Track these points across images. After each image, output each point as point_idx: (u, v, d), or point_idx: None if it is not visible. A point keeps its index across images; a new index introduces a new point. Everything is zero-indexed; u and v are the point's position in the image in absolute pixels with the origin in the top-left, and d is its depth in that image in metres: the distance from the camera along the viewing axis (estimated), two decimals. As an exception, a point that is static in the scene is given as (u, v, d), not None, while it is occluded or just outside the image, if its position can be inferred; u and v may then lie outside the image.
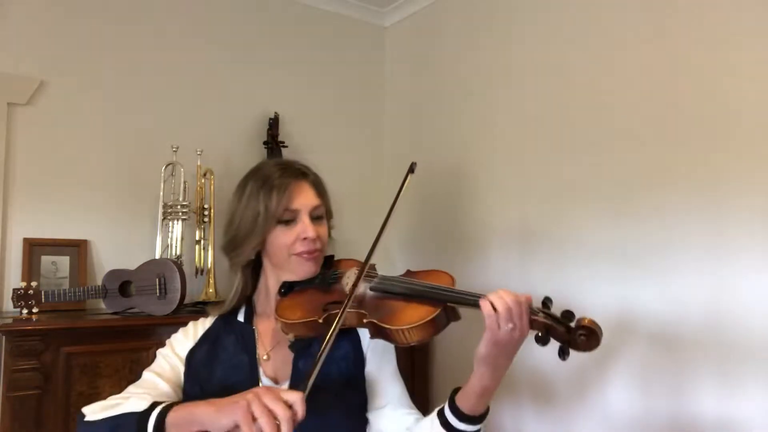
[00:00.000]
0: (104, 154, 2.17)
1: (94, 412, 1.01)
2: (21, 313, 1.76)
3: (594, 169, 1.92)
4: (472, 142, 2.40)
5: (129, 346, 1.82)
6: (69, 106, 2.11)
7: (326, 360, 0.96)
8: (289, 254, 1.15)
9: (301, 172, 1.19)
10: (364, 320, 1.03)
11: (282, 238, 1.14)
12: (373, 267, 1.14)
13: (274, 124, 2.46)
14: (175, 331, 1.93)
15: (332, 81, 2.75)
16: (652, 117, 1.77)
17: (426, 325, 0.97)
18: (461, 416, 1.00)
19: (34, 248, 2.01)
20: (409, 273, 1.15)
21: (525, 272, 2.13)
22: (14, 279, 1.96)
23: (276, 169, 1.17)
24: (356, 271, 1.14)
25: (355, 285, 1.04)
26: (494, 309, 0.93)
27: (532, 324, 0.95)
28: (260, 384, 1.13)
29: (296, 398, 0.83)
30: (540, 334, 0.95)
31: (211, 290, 2.18)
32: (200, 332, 1.22)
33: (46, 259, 2.02)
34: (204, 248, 2.22)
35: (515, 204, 2.19)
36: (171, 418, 0.92)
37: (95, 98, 2.17)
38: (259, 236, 1.14)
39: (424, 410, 1.16)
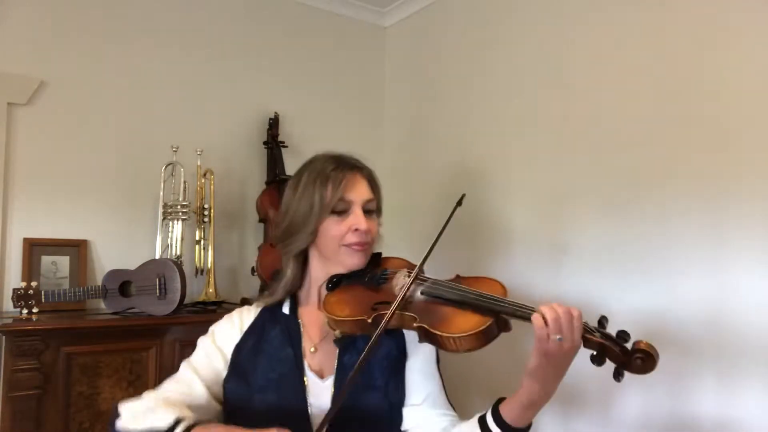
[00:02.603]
0: (104, 154, 2.17)
1: (128, 417, 1.02)
2: (21, 313, 1.76)
3: (593, 169, 1.92)
4: (471, 142, 2.40)
5: (129, 346, 1.82)
6: (69, 106, 2.12)
7: (372, 356, 0.98)
8: (339, 245, 1.16)
9: (355, 166, 1.21)
10: (414, 324, 1.02)
11: (334, 229, 1.15)
12: (422, 270, 1.13)
13: (274, 124, 2.46)
14: (176, 331, 1.93)
15: (332, 81, 2.76)
16: (652, 117, 1.77)
17: (478, 335, 0.96)
18: (504, 426, 0.98)
19: (34, 248, 2.01)
20: (458, 278, 1.14)
21: (524, 272, 2.13)
22: (14, 279, 1.96)
23: (330, 162, 1.18)
24: (407, 273, 1.14)
25: (407, 289, 1.04)
26: (544, 320, 0.92)
27: (587, 342, 0.93)
28: (305, 377, 1.12)
29: None
30: (595, 354, 0.93)
31: (211, 290, 2.18)
32: (246, 323, 1.21)
33: (46, 259, 2.02)
34: (204, 248, 2.22)
35: (515, 204, 2.19)
36: None
37: (95, 98, 2.17)
38: (313, 225, 1.15)
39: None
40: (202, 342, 1.19)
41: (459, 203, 1.18)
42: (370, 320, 1.05)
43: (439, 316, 1.01)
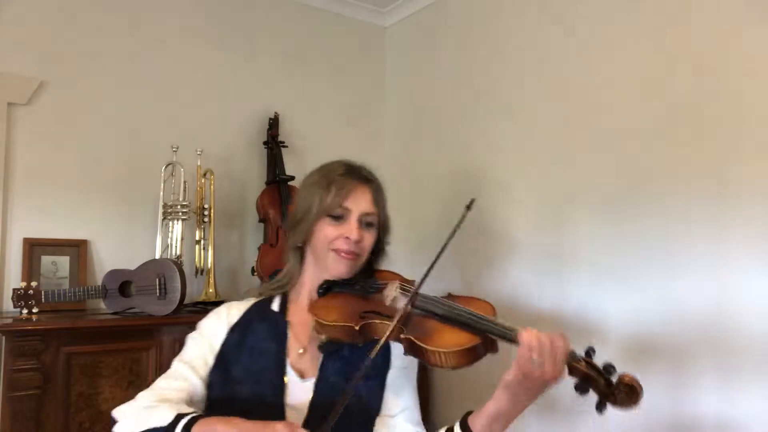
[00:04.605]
0: (104, 154, 2.17)
1: (125, 421, 1.02)
2: (21, 313, 1.76)
3: (594, 170, 1.92)
4: (471, 142, 2.40)
5: (129, 346, 1.82)
6: (69, 106, 2.11)
7: (355, 366, 1.05)
8: (328, 248, 1.18)
9: (365, 177, 1.23)
10: (401, 335, 1.03)
11: (327, 231, 1.18)
12: (414, 284, 1.15)
13: (274, 124, 2.46)
14: (176, 331, 1.93)
15: (332, 81, 2.75)
16: (652, 117, 1.77)
17: (464, 353, 0.96)
18: None
19: (34, 248, 2.01)
20: (450, 297, 1.15)
21: (525, 273, 2.13)
22: (14, 279, 1.96)
23: (341, 168, 1.22)
24: (399, 285, 1.15)
25: (410, 304, 1.05)
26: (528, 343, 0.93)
27: (572, 371, 0.94)
28: (285, 375, 1.13)
29: None
30: (579, 383, 0.93)
31: (211, 290, 2.18)
32: (233, 317, 1.22)
33: (46, 259, 2.02)
34: (204, 248, 2.22)
35: (516, 205, 2.19)
36: None
37: (95, 98, 2.17)
38: (309, 224, 1.19)
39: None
40: (191, 338, 1.20)
41: (468, 208, 1.18)
42: (357, 327, 1.06)
43: (426, 329, 1.02)
